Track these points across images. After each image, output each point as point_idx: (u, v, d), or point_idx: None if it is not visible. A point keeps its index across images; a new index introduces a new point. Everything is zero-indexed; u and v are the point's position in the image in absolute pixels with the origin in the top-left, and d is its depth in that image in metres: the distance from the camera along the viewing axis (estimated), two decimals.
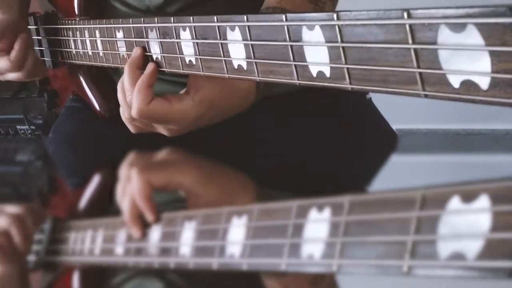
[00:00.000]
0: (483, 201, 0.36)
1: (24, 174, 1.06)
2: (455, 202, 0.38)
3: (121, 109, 0.85)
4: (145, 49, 0.82)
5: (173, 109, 0.79)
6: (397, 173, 0.92)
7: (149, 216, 0.64)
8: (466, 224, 0.37)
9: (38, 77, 1.17)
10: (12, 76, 1.10)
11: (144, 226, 0.64)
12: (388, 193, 0.42)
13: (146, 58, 0.82)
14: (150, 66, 0.80)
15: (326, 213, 0.45)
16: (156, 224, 0.63)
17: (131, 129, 0.86)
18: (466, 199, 0.37)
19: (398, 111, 1.44)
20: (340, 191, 0.79)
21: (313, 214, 0.46)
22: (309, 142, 1.04)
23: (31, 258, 0.76)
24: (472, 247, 0.36)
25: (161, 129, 0.83)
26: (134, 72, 0.81)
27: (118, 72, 0.85)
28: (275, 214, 0.50)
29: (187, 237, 0.58)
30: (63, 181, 1.06)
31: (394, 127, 1.10)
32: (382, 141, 1.08)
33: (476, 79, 0.41)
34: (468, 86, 0.42)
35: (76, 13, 1.03)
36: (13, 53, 1.06)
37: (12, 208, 0.88)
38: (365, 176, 0.87)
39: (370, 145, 1.04)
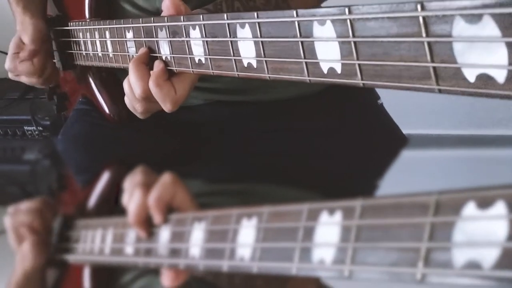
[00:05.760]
0: (500, 208, 0.35)
1: (32, 173, 1.05)
2: (470, 208, 0.36)
3: (127, 101, 0.85)
4: (151, 49, 0.81)
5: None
6: (408, 169, 0.91)
7: (157, 218, 0.63)
8: (482, 232, 0.35)
9: (50, 84, 1.19)
10: (28, 80, 1.12)
11: (150, 226, 0.64)
12: (400, 197, 0.41)
13: (152, 59, 0.81)
14: (159, 65, 0.80)
15: (338, 216, 0.44)
16: (166, 224, 0.62)
17: (141, 115, 0.87)
18: (482, 205, 0.36)
19: (408, 116, 1.43)
20: (350, 194, 0.78)
21: (324, 217, 0.45)
22: (320, 146, 1.03)
23: None
24: (489, 256, 0.34)
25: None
26: (139, 66, 0.80)
27: (127, 74, 0.84)
28: (286, 216, 0.48)
29: (197, 238, 0.57)
30: (73, 178, 1.05)
31: (403, 132, 1.09)
32: (394, 146, 1.07)
33: (492, 72, 0.40)
34: (484, 80, 0.40)
35: (87, 15, 1.03)
36: (36, 60, 1.09)
37: (28, 204, 0.88)
38: (376, 181, 0.86)
39: (381, 150, 1.03)
